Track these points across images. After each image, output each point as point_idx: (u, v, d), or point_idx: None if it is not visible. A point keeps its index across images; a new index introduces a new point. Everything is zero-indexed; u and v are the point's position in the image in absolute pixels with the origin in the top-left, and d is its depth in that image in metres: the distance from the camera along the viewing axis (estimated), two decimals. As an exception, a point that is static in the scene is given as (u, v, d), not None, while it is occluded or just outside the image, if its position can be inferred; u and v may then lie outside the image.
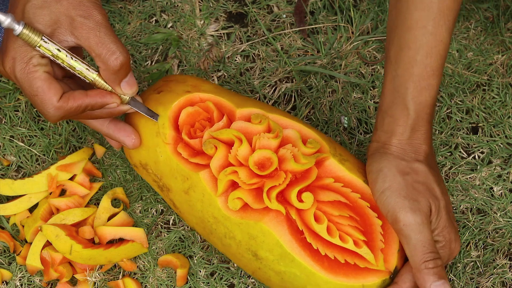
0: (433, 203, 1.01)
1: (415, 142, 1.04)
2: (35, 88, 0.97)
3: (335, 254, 1.00)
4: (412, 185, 1.01)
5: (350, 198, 1.03)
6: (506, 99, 1.26)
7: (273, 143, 1.03)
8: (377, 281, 1.01)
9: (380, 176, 1.02)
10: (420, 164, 1.03)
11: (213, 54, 1.30)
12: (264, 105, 1.09)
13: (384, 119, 1.05)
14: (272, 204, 1.01)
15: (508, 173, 1.23)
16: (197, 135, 1.06)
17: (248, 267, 1.06)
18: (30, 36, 0.96)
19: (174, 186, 1.07)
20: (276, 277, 1.03)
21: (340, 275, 1.00)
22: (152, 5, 1.32)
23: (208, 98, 1.08)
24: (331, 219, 1.02)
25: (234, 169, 1.02)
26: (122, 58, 0.98)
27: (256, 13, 1.32)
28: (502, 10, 1.31)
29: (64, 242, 1.13)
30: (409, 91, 1.02)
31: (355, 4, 1.32)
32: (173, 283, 1.18)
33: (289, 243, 1.01)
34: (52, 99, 0.98)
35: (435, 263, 0.98)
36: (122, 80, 1.00)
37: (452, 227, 1.03)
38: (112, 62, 0.98)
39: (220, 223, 1.04)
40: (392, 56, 1.03)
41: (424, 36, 1.01)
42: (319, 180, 1.04)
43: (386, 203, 1.01)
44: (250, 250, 1.03)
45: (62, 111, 0.99)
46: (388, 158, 1.03)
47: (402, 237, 1.00)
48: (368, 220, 1.03)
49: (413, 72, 1.02)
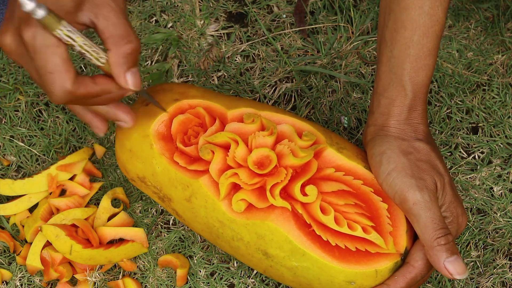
0: (438, 179, 1.02)
1: (413, 122, 1.04)
2: (53, 65, 0.93)
3: (345, 243, 1.01)
4: (416, 163, 1.02)
5: (353, 185, 1.04)
6: (506, 99, 1.26)
7: (269, 141, 1.03)
8: (389, 264, 1.01)
9: (384, 158, 1.02)
10: (421, 142, 1.04)
11: (213, 54, 1.30)
12: (254, 103, 1.09)
13: (380, 101, 1.05)
14: (276, 201, 1.01)
15: (508, 173, 1.23)
16: (191, 142, 1.05)
17: (259, 266, 1.06)
18: (49, 22, 0.91)
19: (175, 195, 1.06)
20: (289, 273, 1.03)
21: (352, 263, 1.01)
22: (152, 5, 1.32)
23: (197, 104, 1.08)
24: (337, 208, 1.02)
25: (234, 171, 1.02)
26: (136, 43, 0.95)
27: (256, 13, 1.32)
28: (502, 10, 1.31)
29: (64, 242, 1.13)
30: (406, 72, 1.03)
31: (355, 4, 1.32)
32: (173, 283, 1.17)
33: (298, 238, 1.01)
34: (66, 82, 0.93)
35: (446, 239, 0.99)
36: (129, 68, 0.96)
37: (458, 201, 1.03)
38: (125, 45, 0.95)
39: (226, 227, 1.04)
40: (387, 38, 1.04)
41: (420, 17, 1.01)
42: (320, 172, 1.04)
43: (393, 184, 1.01)
44: (259, 249, 1.03)
45: (71, 96, 0.95)
46: (389, 140, 1.03)
47: (412, 216, 1.00)
48: (373, 205, 1.03)
49: (409, 52, 1.02)
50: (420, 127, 1.04)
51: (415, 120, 1.04)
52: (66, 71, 0.93)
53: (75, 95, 0.94)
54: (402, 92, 1.03)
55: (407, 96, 1.03)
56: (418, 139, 1.04)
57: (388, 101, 1.04)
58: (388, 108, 1.04)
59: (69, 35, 0.93)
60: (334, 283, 1.02)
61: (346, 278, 1.01)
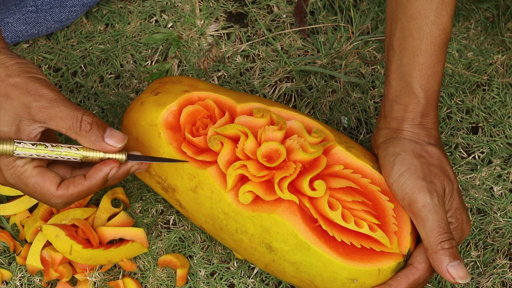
0: (447, 185, 1.03)
1: (426, 126, 1.06)
2: (31, 186, 0.98)
3: (351, 239, 1.01)
4: (428, 167, 1.03)
5: (361, 183, 1.04)
6: (506, 99, 1.26)
7: (279, 135, 1.03)
8: (392, 264, 1.02)
9: (398, 159, 1.03)
10: (433, 147, 1.05)
11: (213, 54, 1.30)
12: (263, 99, 1.09)
13: (393, 106, 1.06)
14: (284, 195, 1.01)
15: (508, 173, 1.23)
16: (199, 133, 1.06)
17: (261, 260, 1.06)
18: (2, 148, 0.95)
19: (180, 185, 1.06)
20: (291, 268, 1.03)
21: (356, 260, 1.01)
22: (152, 5, 1.32)
23: (207, 96, 1.09)
24: (344, 205, 1.02)
25: (243, 163, 1.02)
26: (88, 118, 0.97)
27: (256, 13, 1.32)
28: (502, 10, 1.31)
29: (64, 242, 1.13)
30: (416, 80, 1.04)
31: (355, 4, 1.32)
32: (173, 283, 1.17)
33: (304, 232, 1.01)
34: (50, 189, 0.98)
35: (450, 243, 1.00)
36: (103, 137, 0.98)
37: (463, 208, 1.04)
38: (82, 127, 0.97)
39: (231, 219, 1.04)
40: (396, 46, 1.05)
41: (427, 26, 1.03)
42: (329, 168, 1.04)
43: (405, 185, 1.02)
44: (263, 242, 1.03)
45: (65, 198, 0.99)
46: (403, 142, 1.05)
47: (419, 218, 1.01)
48: (380, 204, 1.03)
49: (418, 61, 1.04)
50: (433, 132, 1.06)
51: (428, 125, 1.06)
52: (44, 181, 0.98)
53: (67, 196, 0.98)
54: (414, 99, 1.05)
55: (420, 103, 1.05)
56: (431, 144, 1.05)
57: (402, 107, 1.06)
58: (401, 114, 1.06)
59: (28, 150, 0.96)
60: (337, 279, 1.02)
61: (349, 275, 1.01)
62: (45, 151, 0.97)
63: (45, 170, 0.98)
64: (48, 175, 0.98)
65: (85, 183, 0.98)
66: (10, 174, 0.97)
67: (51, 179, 0.98)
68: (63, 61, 1.29)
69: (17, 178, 0.97)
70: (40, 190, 0.98)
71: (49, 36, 1.30)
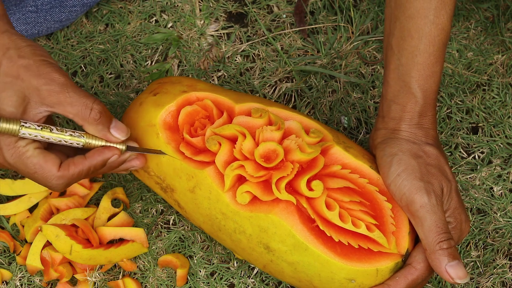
0: (445, 185, 1.03)
1: (424, 126, 1.06)
2: (32, 166, 0.98)
3: (348, 239, 1.01)
4: (426, 167, 1.03)
5: (359, 183, 1.04)
6: (506, 99, 1.26)
7: (277, 135, 1.03)
8: (391, 264, 1.02)
9: (395, 160, 1.03)
10: (431, 147, 1.05)
11: (213, 54, 1.30)
12: (262, 99, 1.09)
13: (391, 106, 1.06)
14: (282, 195, 1.01)
15: (508, 173, 1.23)
16: (198, 134, 1.06)
17: (260, 261, 1.06)
18: (9, 127, 0.95)
19: (178, 186, 1.07)
20: (289, 268, 1.03)
21: (354, 260, 1.01)
22: (152, 5, 1.32)
23: (205, 96, 1.09)
24: (342, 205, 1.02)
25: (241, 163, 1.02)
26: (99, 107, 0.99)
27: (256, 13, 1.32)
28: (502, 10, 1.31)
29: (64, 242, 1.13)
30: (415, 80, 1.04)
31: (355, 4, 1.32)
32: (173, 283, 1.18)
33: (302, 232, 1.01)
34: (52, 170, 0.98)
35: (448, 243, 1.00)
36: (109, 127, 1.01)
37: (462, 208, 1.04)
38: (91, 115, 0.98)
39: (229, 219, 1.04)
40: (394, 45, 1.05)
41: (426, 26, 1.02)
42: (326, 168, 1.04)
43: (402, 186, 1.02)
44: (261, 243, 1.03)
45: (66, 179, 0.99)
46: (400, 143, 1.04)
47: (417, 219, 1.01)
48: (378, 205, 1.03)
49: (417, 61, 1.04)
50: (430, 132, 1.05)
51: (426, 125, 1.05)
52: (46, 162, 0.98)
53: (67, 177, 0.99)
54: (412, 99, 1.05)
55: (418, 103, 1.05)
56: (428, 144, 1.05)
57: (399, 107, 1.05)
58: (399, 114, 1.06)
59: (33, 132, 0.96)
60: (335, 280, 1.02)
61: (347, 275, 1.01)
62: (50, 134, 0.98)
63: (46, 152, 0.99)
64: (50, 156, 0.99)
65: (85, 162, 1.00)
66: (10, 153, 0.98)
67: (53, 160, 0.99)
68: (63, 61, 1.29)
69: (18, 158, 0.98)
70: (42, 171, 0.98)
71: (49, 36, 1.30)
